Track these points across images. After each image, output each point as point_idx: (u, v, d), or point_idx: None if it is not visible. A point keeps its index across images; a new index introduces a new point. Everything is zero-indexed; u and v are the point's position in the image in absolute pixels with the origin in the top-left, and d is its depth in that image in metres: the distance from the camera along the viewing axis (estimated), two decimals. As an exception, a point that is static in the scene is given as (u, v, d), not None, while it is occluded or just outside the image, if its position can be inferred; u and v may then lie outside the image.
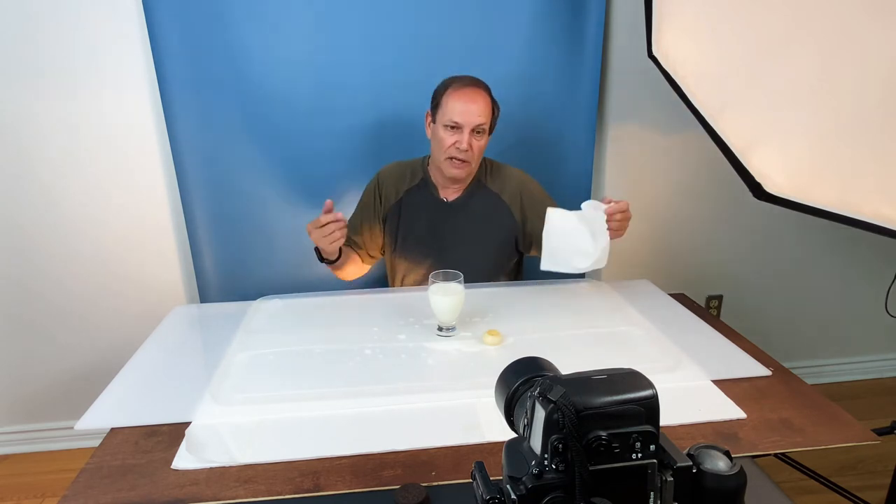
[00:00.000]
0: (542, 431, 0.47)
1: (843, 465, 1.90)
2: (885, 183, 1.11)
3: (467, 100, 1.44)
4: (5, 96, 1.75)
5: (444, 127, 1.46)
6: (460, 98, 1.45)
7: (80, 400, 1.32)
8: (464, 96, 1.45)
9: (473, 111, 1.44)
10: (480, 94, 1.46)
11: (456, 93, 1.45)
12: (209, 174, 1.85)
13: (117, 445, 0.97)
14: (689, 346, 1.25)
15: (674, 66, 1.61)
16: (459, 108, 1.44)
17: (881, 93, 1.08)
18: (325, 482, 0.87)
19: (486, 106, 1.46)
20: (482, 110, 1.45)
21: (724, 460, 0.52)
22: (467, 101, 1.44)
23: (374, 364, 1.20)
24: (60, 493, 0.95)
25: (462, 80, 1.48)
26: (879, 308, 2.21)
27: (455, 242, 1.58)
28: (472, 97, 1.45)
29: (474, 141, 1.46)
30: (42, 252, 1.91)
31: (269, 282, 1.90)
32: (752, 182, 1.43)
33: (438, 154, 1.50)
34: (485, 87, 1.49)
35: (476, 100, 1.45)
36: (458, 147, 1.45)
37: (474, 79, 1.50)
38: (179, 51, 1.72)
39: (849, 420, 1.00)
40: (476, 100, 1.45)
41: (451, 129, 1.46)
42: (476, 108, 1.44)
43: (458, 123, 1.44)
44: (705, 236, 2.22)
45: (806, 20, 1.20)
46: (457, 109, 1.44)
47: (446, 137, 1.46)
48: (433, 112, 1.51)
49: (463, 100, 1.44)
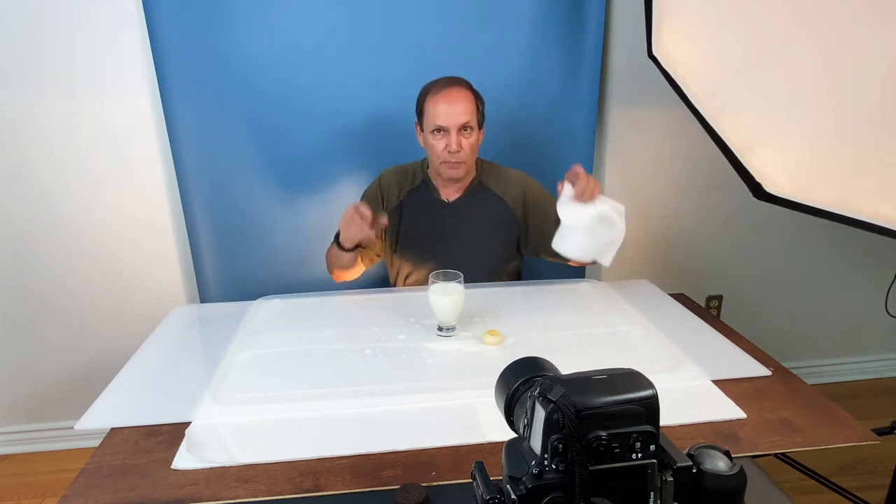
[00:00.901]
0: (542, 431, 0.47)
1: (843, 465, 1.90)
2: (885, 183, 1.11)
3: (448, 101, 1.43)
4: (5, 96, 1.76)
5: (432, 133, 1.46)
6: (440, 101, 1.44)
7: (80, 400, 1.32)
8: (444, 98, 1.44)
9: (456, 111, 1.43)
10: (460, 92, 1.45)
11: (435, 97, 1.44)
12: (209, 174, 1.85)
13: (117, 445, 0.97)
14: (689, 346, 1.25)
15: (674, 66, 1.61)
16: (441, 111, 1.43)
17: (881, 93, 1.08)
18: (325, 482, 0.87)
19: (468, 103, 1.45)
20: (465, 108, 1.44)
21: (724, 460, 0.52)
22: (448, 103, 1.43)
23: (374, 364, 1.20)
24: (60, 493, 0.95)
25: (439, 82, 1.47)
26: (879, 308, 2.21)
27: (456, 243, 1.58)
28: (452, 98, 1.44)
29: (464, 140, 1.46)
30: (42, 252, 1.91)
31: (269, 282, 1.90)
32: (752, 182, 1.42)
33: (433, 160, 1.51)
34: (464, 84, 1.47)
35: (457, 99, 1.44)
36: (448, 150, 1.45)
37: (452, 78, 1.48)
38: (179, 51, 1.72)
39: (849, 420, 1.00)
40: (457, 99, 1.44)
41: (439, 134, 1.45)
42: (459, 107, 1.43)
43: (444, 126, 1.44)
44: (705, 236, 2.22)
45: (806, 20, 1.20)
46: (439, 113, 1.43)
47: (436, 143, 1.46)
48: (419, 121, 1.51)
49: (444, 102, 1.43)
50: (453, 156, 1.46)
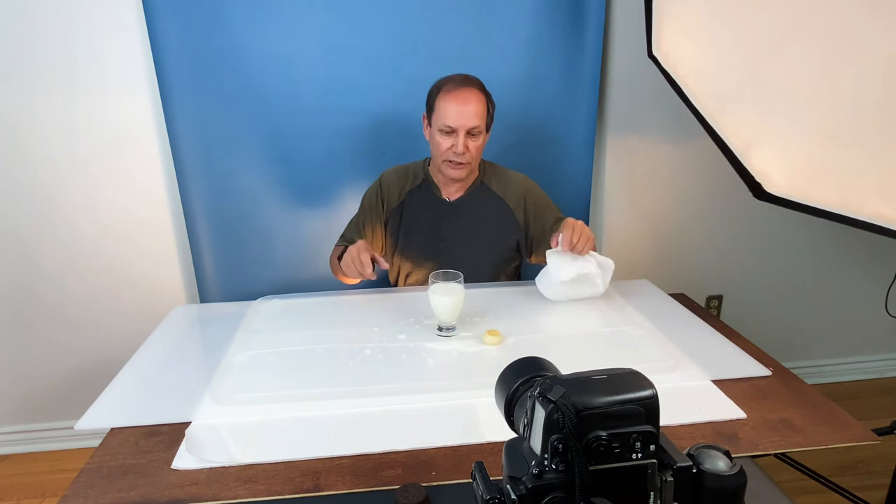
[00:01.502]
0: (542, 431, 0.47)
1: (843, 465, 1.90)
2: (884, 183, 1.11)
3: (460, 102, 1.42)
4: (5, 96, 1.75)
5: (440, 131, 1.46)
6: (452, 101, 1.43)
7: (80, 400, 1.32)
8: (456, 98, 1.43)
9: (467, 113, 1.42)
10: (473, 93, 1.44)
11: (448, 95, 1.44)
12: (209, 174, 1.85)
13: (117, 445, 0.97)
14: (689, 346, 1.25)
15: (674, 66, 1.61)
16: (452, 111, 1.42)
17: (881, 93, 1.08)
18: (325, 482, 0.87)
19: (479, 105, 1.44)
20: (476, 111, 1.43)
21: (724, 460, 0.52)
22: (460, 104, 1.42)
23: (374, 364, 1.20)
24: (60, 493, 0.95)
25: (453, 80, 1.46)
26: (879, 308, 2.21)
27: (456, 242, 1.58)
28: (464, 99, 1.43)
29: (470, 142, 1.45)
30: (42, 252, 1.91)
31: (269, 282, 1.90)
32: (752, 182, 1.43)
33: (437, 156, 1.50)
34: (477, 85, 1.47)
35: (468, 101, 1.43)
36: (454, 151, 1.45)
37: (465, 78, 1.47)
38: (179, 51, 1.72)
39: (849, 420, 1.00)
40: (468, 101, 1.43)
41: (447, 133, 1.45)
42: (470, 109, 1.43)
43: (453, 127, 1.43)
44: (705, 236, 2.21)
45: (806, 20, 1.20)
46: (450, 113, 1.43)
47: (442, 141, 1.46)
48: (428, 115, 1.51)
49: (455, 102, 1.43)
50: (458, 157, 1.46)
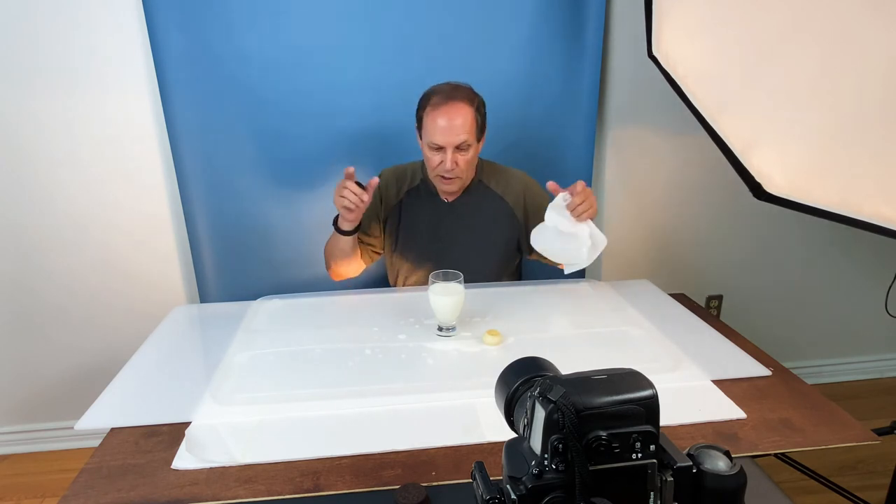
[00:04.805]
0: (542, 431, 0.47)
1: (843, 465, 1.90)
2: (885, 183, 1.11)
3: (446, 118, 1.39)
4: (5, 96, 1.75)
5: (428, 147, 1.44)
6: (439, 117, 1.39)
7: (80, 400, 1.32)
8: (442, 114, 1.39)
9: (454, 129, 1.39)
10: (460, 107, 1.40)
11: (434, 112, 1.40)
12: (209, 174, 1.85)
13: (117, 445, 0.97)
14: (689, 346, 1.25)
15: (674, 65, 1.61)
16: (440, 127, 1.39)
17: (881, 93, 1.08)
18: (325, 482, 0.87)
19: (466, 119, 1.40)
20: (463, 126, 1.40)
21: (724, 460, 0.52)
22: (446, 120, 1.39)
23: (374, 364, 1.20)
24: (60, 493, 0.95)
25: (440, 93, 1.42)
26: (879, 308, 2.21)
27: (455, 242, 1.58)
28: (450, 114, 1.39)
29: (460, 157, 1.43)
30: (42, 252, 1.91)
31: (269, 282, 1.90)
32: (752, 182, 1.42)
33: (429, 168, 1.50)
34: (465, 96, 1.42)
35: (455, 116, 1.39)
36: (444, 167, 1.44)
37: (454, 88, 1.43)
38: (179, 51, 1.71)
39: (849, 420, 1.00)
40: (455, 116, 1.39)
41: (435, 150, 1.44)
42: (458, 124, 1.39)
43: (440, 145, 1.42)
44: (705, 236, 2.21)
45: (806, 20, 1.20)
46: (437, 130, 1.40)
47: (432, 157, 1.45)
48: (418, 128, 1.50)
49: (442, 118, 1.39)
50: (448, 173, 1.45)
